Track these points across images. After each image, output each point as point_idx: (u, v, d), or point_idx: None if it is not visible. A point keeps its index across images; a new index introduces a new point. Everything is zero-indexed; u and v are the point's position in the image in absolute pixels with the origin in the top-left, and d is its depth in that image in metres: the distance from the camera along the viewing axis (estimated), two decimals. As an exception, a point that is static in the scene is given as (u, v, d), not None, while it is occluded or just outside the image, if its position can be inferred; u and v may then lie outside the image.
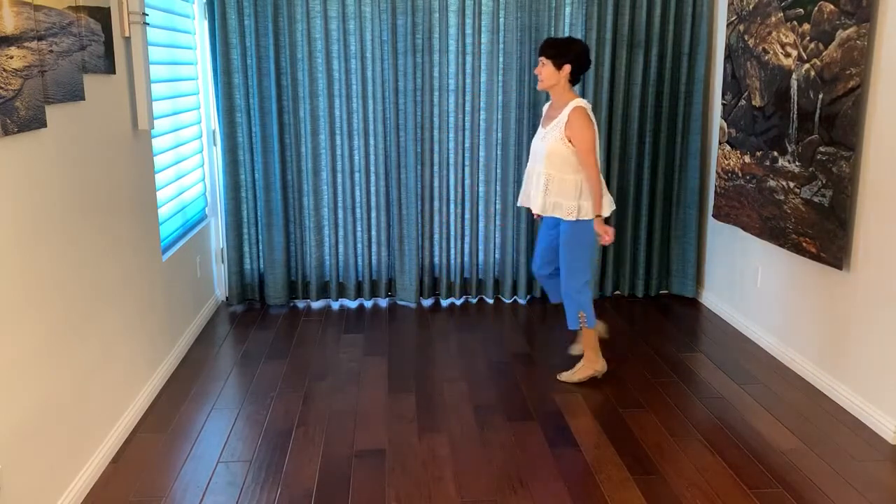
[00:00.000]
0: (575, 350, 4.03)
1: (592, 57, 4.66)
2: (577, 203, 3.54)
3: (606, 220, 3.64)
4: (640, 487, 2.82)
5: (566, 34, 4.72)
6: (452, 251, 4.99)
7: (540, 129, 3.67)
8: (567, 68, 3.51)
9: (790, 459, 3.02)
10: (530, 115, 4.79)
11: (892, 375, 3.18)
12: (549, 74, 3.53)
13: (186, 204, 4.40)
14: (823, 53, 3.49)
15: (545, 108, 3.76)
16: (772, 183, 3.96)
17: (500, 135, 4.83)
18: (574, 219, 3.55)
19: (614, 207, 3.76)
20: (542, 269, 3.90)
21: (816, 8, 3.54)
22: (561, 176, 3.54)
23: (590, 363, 3.75)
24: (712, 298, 4.86)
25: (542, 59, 3.54)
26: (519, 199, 3.86)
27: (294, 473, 2.92)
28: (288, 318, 4.70)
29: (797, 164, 3.72)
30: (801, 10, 3.67)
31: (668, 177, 4.96)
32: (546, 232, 3.81)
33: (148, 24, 3.49)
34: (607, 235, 3.52)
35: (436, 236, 4.94)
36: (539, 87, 3.62)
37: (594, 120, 3.54)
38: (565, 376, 3.76)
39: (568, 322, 3.73)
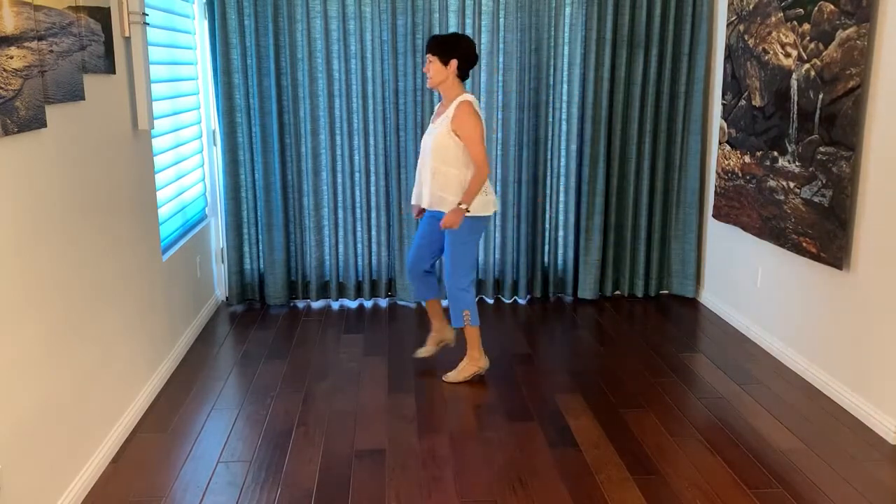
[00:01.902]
0: (423, 352, 3.98)
1: (592, 57, 4.66)
2: (458, 199, 3.54)
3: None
4: (640, 487, 2.82)
5: (566, 34, 4.73)
6: (452, 251, 4.98)
7: (430, 125, 3.66)
8: (454, 64, 3.52)
9: (790, 459, 3.02)
10: (530, 116, 4.79)
11: (892, 375, 3.18)
12: (436, 71, 3.53)
13: (186, 204, 4.40)
14: (823, 53, 3.49)
15: (437, 106, 3.73)
16: (772, 183, 3.96)
17: (500, 135, 4.83)
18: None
19: (496, 209, 3.68)
20: (416, 266, 3.81)
21: (816, 8, 3.54)
22: (446, 170, 3.54)
23: (473, 361, 3.75)
24: (712, 298, 4.86)
25: (429, 56, 3.54)
26: (412, 198, 3.78)
27: (294, 473, 2.92)
28: (288, 318, 4.70)
29: (797, 164, 3.73)
30: (801, 10, 3.67)
31: (668, 177, 4.96)
32: (426, 228, 3.75)
33: (148, 24, 3.49)
34: (449, 221, 3.48)
35: (436, 236, 4.94)
36: (428, 85, 3.62)
37: (481, 114, 3.55)
38: (450, 377, 3.76)
39: (452, 320, 3.71)
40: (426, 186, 3.60)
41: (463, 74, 3.57)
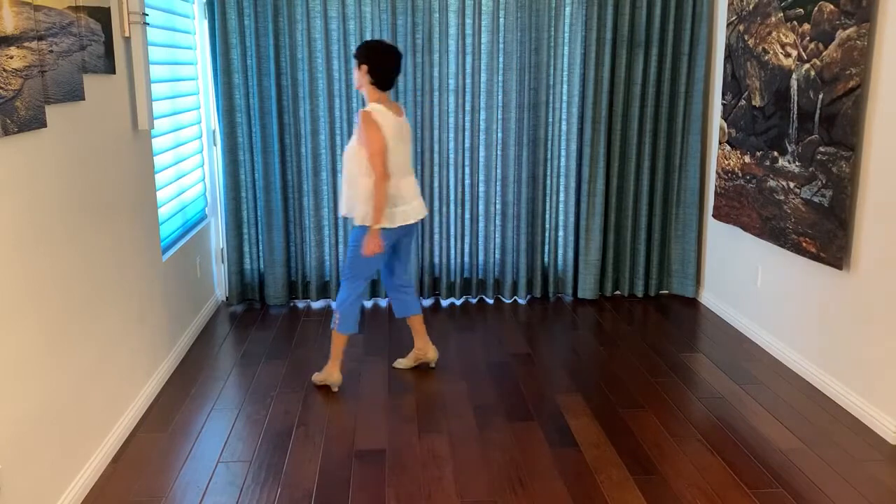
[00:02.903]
0: (399, 364, 3.93)
1: (592, 57, 4.66)
2: (366, 208, 3.45)
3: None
4: (640, 487, 2.82)
5: (566, 34, 4.73)
6: (452, 251, 4.99)
7: None
8: (364, 69, 3.44)
9: (790, 459, 3.02)
10: (530, 115, 4.79)
11: (892, 375, 3.18)
12: (356, 76, 3.49)
13: (186, 204, 4.40)
14: (823, 53, 3.49)
15: None
16: (772, 183, 3.96)
17: (500, 135, 4.83)
18: (360, 223, 3.48)
19: (409, 222, 3.55)
20: (385, 282, 3.81)
21: (816, 8, 3.54)
22: (358, 178, 3.46)
23: (328, 373, 3.67)
24: (712, 298, 4.86)
25: (354, 59, 3.50)
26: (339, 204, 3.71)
27: (294, 473, 2.92)
28: (288, 318, 4.70)
29: (797, 164, 3.73)
30: (801, 10, 3.67)
31: (668, 177, 4.96)
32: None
33: (148, 24, 3.49)
34: (369, 248, 3.44)
35: (436, 236, 4.94)
36: (356, 88, 3.62)
37: (385, 124, 3.40)
38: (316, 377, 3.70)
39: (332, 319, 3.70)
40: (343, 192, 3.54)
41: (379, 83, 3.45)
